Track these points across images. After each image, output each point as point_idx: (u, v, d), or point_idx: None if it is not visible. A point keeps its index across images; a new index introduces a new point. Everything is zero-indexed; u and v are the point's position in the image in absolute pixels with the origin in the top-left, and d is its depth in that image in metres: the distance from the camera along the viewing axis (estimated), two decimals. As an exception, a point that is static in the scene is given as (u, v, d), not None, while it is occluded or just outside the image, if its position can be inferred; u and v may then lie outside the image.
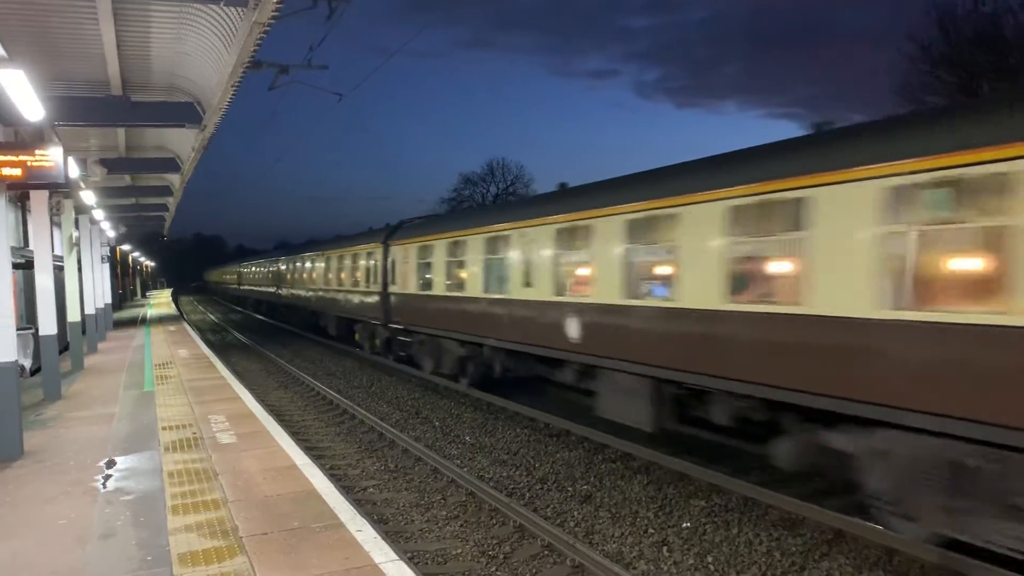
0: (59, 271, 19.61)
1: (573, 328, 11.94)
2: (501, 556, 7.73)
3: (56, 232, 21.95)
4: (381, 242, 22.06)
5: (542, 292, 12.91)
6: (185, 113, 12.64)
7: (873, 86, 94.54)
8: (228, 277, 72.33)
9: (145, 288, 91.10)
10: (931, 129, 6.98)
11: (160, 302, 64.34)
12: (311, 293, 32.01)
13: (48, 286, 14.22)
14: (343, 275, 26.35)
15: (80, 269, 22.15)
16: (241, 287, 60.00)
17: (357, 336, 25.61)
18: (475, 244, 15.57)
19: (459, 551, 7.91)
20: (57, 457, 9.61)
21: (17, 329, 10.70)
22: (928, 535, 7.02)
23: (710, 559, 7.53)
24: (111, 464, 9.17)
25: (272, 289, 42.82)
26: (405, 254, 19.95)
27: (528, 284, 13.36)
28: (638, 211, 10.45)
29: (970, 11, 33.73)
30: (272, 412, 13.60)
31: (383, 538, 6.58)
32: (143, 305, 58.69)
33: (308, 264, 32.64)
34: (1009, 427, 6.00)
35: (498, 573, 7.40)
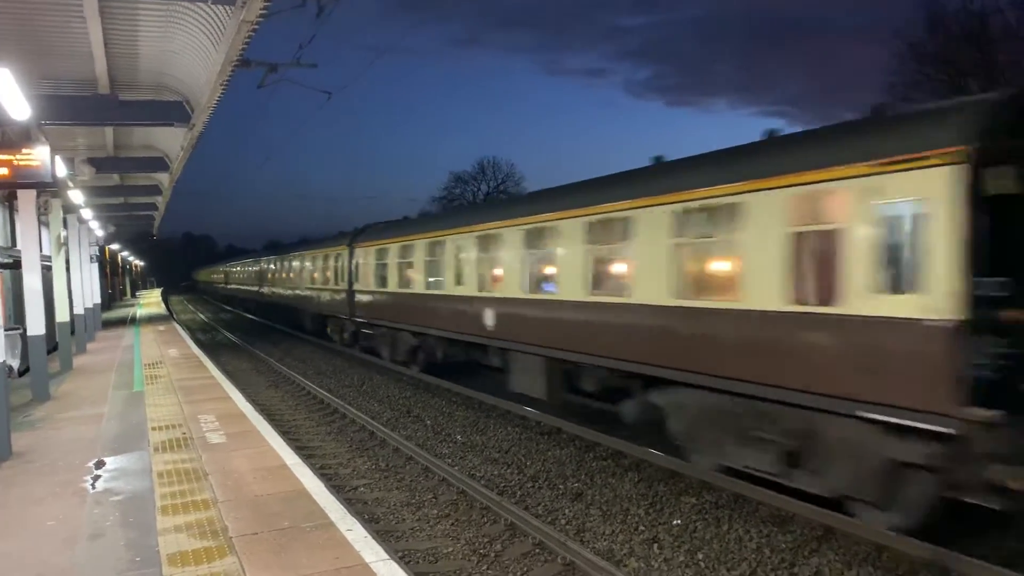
0: (47, 271, 19.48)
1: (490, 318, 14.35)
2: (492, 554, 7.73)
3: (44, 232, 21.82)
4: (347, 244, 24.20)
5: (469, 288, 15.43)
6: (173, 112, 12.61)
7: (864, 84, 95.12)
8: (216, 277, 72.90)
9: (135, 288, 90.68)
10: (698, 169, 9.67)
11: (150, 302, 64.05)
12: (289, 291, 33.82)
13: (36, 286, 14.12)
14: (315, 275, 28.44)
15: (68, 269, 22.04)
16: (228, 286, 61.23)
17: (329, 330, 27.67)
18: (420, 247, 18.17)
19: (450, 550, 7.91)
20: (46, 458, 9.56)
21: (5, 329, 10.64)
22: (711, 464, 9.41)
23: (700, 556, 7.55)
24: (100, 465, 9.13)
25: (256, 288, 44.47)
26: (366, 256, 22.28)
27: (459, 282, 15.89)
28: (531, 223, 13.10)
29: (958, 9, 33.97)
30: (262, 411, 13.55)
31: (374, 537, 6.58)
32: (133, 305, 58.41)
33: (286, 264, 34.52)
34: (742, 380, 8.48)
35: (489, 571, 7.40)
